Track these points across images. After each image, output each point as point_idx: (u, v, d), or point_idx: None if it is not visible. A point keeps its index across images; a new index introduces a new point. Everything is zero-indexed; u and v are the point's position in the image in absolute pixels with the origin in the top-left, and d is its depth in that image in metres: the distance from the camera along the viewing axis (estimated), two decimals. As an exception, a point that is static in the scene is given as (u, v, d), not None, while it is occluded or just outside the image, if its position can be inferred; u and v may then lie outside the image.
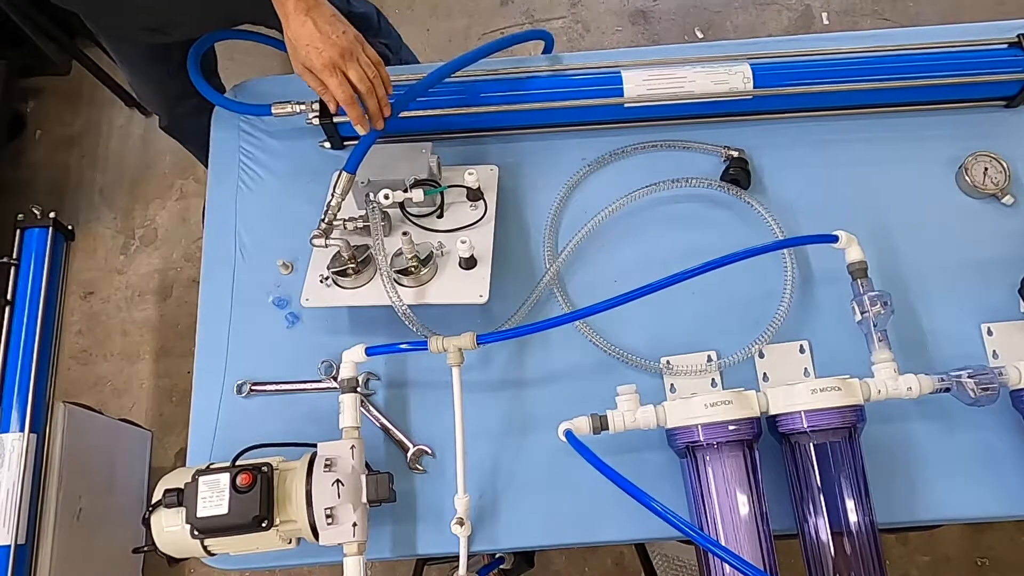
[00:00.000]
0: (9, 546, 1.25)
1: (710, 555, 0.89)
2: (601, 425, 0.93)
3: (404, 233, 1.00)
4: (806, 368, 1.06)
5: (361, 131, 1.06)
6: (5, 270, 1.38)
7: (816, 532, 0.90)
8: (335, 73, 0.99)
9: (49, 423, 1.38)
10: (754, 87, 1.14)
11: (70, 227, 1.47)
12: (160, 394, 2.04)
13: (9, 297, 1.36)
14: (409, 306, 1.00)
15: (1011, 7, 2.33)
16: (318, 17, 0.97)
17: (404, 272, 1.02)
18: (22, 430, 1.32)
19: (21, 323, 1.36)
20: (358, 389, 0.99)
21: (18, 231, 1.41)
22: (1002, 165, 1.14)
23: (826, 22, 2.36)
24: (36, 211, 1.42)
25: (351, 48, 0.99)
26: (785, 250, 1.10)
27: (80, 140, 2.34)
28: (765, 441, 0.93)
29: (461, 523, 0.96)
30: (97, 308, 2.13)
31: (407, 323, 1.00)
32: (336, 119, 1.16)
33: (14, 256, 1.39)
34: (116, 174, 2.29)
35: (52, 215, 1.42)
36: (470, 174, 1.08)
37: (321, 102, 1.16)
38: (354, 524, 0.89)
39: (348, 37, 0.99)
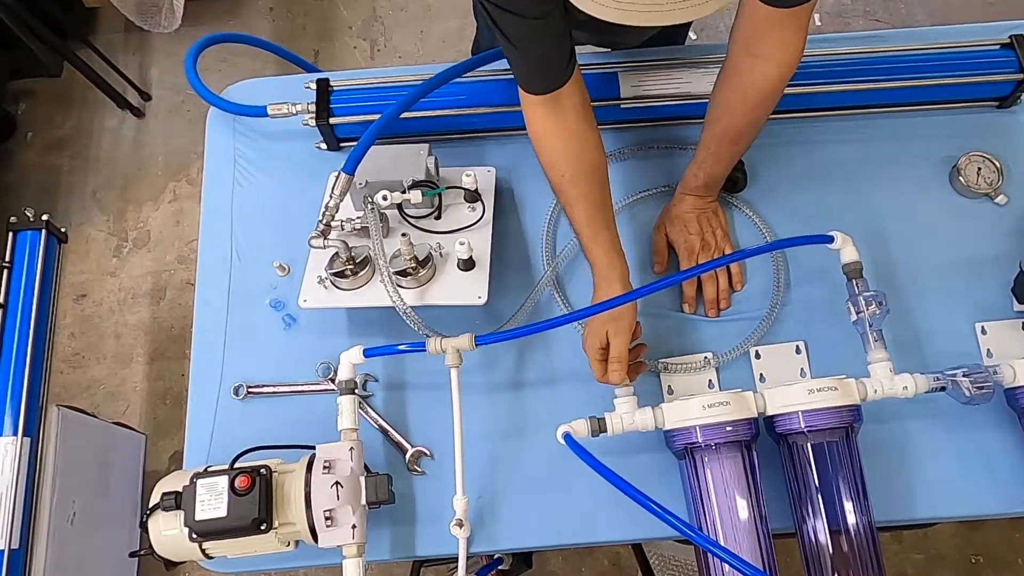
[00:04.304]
0: (3, 551, 1.24)
1: (710, 556, 0.89)
2: (599, 428, 0.93)
3: (403, 235, 1.00)
4: (802, 368, 1.06)
5: None
6: (-3, 273, 1.38)
7: (814, 532, 0.90)
8: None
9: (42, 427, 1.37)
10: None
11: (63, 229, 1.46)
12: (154, 397, 2.03)
13: (1, 300, 1.36)
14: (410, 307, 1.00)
15: (1000, 8, 2.35)
16: None
17: (403, 273, 1.02)
18: (15, 434, 1.31)
19: (14, 326, 1.35)
20: (356, 391, 0.99)
21: (10, 234, 1.40)
22: (995, 165, 1.15)
23: (818, 23, 2.37)
24: (29, 214, 1.41)
25: None
26: (774, 252, 1.11)
27: (71, 142, 2.32)
28: (763, 442, 0.94)
29: (460, 524, 0.96)
30: (90, 311, 2.12)
31: (409, 323, 1.00)
32: (332, 120, 1.16)
33: (6, 259, 1.39)
34: (108, 176, 2.28)
35: (45, 218, 1.41)
36: (468, 175, 1.08)
37: (317, 103, 1.15)
38: (353, 526, 0.89)
39: None
